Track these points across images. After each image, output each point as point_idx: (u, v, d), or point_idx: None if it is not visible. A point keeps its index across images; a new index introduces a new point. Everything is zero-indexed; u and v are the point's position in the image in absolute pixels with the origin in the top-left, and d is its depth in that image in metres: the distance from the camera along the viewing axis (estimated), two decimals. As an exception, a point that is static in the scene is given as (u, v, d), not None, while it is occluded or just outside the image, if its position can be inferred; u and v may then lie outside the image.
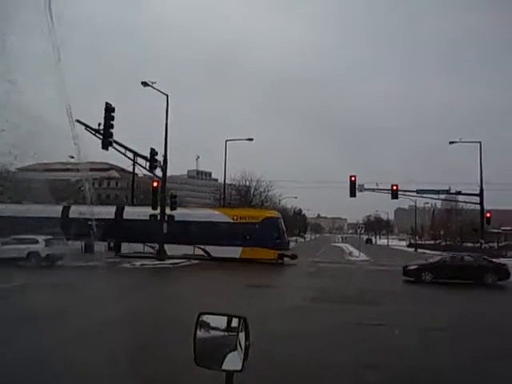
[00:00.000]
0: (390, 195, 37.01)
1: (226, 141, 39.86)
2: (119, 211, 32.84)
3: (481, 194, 36.38)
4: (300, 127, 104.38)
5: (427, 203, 72.24)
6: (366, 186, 36.94)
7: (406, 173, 71.28)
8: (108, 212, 31.97)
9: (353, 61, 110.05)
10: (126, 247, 30.78)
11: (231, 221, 30.95)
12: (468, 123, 75.43)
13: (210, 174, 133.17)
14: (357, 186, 35.81)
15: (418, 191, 38.91)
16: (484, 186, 36.29)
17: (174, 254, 28.42)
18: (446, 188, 40.42)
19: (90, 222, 31.21)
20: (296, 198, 60.60)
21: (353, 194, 35.82)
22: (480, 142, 36.49)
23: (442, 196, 45.55)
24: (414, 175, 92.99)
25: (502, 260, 39.82)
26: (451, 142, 38.13)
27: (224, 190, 44.58)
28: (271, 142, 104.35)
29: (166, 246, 27.93)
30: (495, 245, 55.27)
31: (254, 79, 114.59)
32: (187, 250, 29.64)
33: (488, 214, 37.29)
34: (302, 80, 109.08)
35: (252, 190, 55.29)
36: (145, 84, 27.08)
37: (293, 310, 12.00)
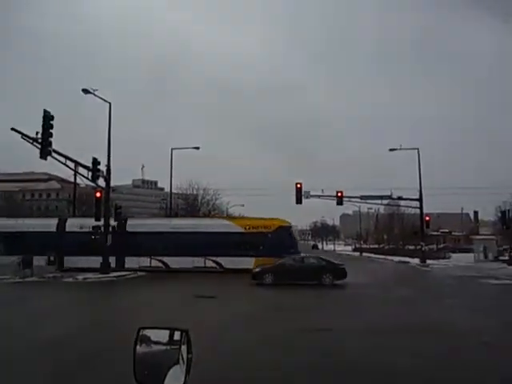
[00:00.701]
0: (335, 201, 37.90)
1: (172, 149, 39.48)
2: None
3: (420, 199, 38.00)
4: (248, 136, 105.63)
5: (371, 208, 74.45)
6: (311, 193, 37.60)
7: (351, 179, 73.51)
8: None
9: (300, 70, 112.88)
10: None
11: (243, 231, 30.01)
12: (409, 130, 78.96)
13: (156, 183, 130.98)
14: (303, 193, 36.38)
15: (361, 197, 40.07)
16: (423, 191, 37.96)
17: (182, 266, 27.67)
18: (389, 193, 41.86)
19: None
20: (243, 205, 60.56)
21: (299, 201, 36.35)
22: (418, 149, 38.20)
23: (385, 201, 47.21)
24: (358, 182, 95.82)
25: (440, 261, 41.90)
26: (391, 150, 39.63)
27: (170, 199, 44.00)
28: (219, 151, 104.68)
29: (178, 259, 27.89)
30: (435, 247, 57.87)
31: (203, 89, 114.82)
32: (199, 262, 28.74)
33: (427, 218, 38.91)
34: (250, 89, 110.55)
35: (200, 199, 54.94)
36: (86, 91, 26.31)
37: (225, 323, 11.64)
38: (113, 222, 28.78)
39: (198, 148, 41.24)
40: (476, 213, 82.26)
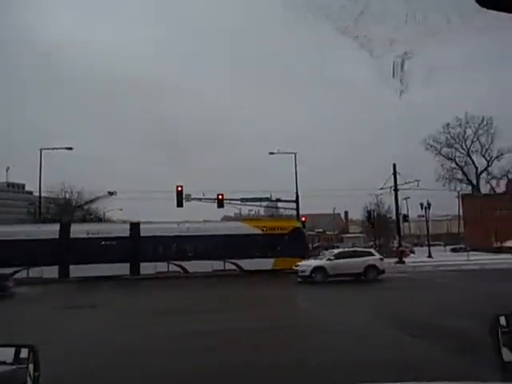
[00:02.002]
0: (216, 204, 38.01)
1: (41, 149, 36.40)
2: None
3: (297, 201, 39.74)
4: (131, 138, 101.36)
5: (251, 210, 76.34)
6: (193, 196, 37.33)
7: (233, 182, 74.62)
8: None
9: (186, 73, 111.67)
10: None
11: (261, 232, 30.28)
12: (290, 136, 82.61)
13: (23, 186, 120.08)
14: (184, 196, 35.94)
15: (241, 199, 40.79)
16: (300, 193, 39.75)
17: (201, 270, 27.38)
18: (268, 196, 43.19)
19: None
20: (121, 210, 57.97)
21: (180, 203, 35.83)
22: (295, 154, 39.90)
23: (264, 203, 48.61)
24: (240, 184, 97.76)
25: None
26: (271, 153, 40.92)
27: (40, 203, 40.54)
28: (97, 153, 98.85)
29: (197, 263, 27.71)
30: (310, 246, 61.17)
31: (79, 86, 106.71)
32: (219, 265, 28.49)
33: (303, 218, 40.82)
34: (132, 90, 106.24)
35: (73, 203, 51.43)
36: None
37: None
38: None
39: (70, 149, 38.58)
40: (346, 213, 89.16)
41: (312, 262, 24.57)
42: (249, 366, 7.35)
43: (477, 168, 62.62)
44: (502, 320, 2.15)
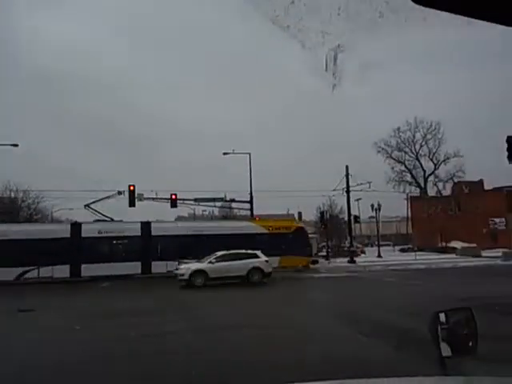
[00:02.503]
0: (169, 204, 37.54)
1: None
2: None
3: (251, 201, 39.85)
4: (83, 136, 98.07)
5: (205, 211, 75.90)
6: (145, 196, 36.70)
7: (189, 182, 73.81)
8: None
9: (135, 69, 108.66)
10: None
11: (267, 231, 31.32)
12: (247, 136, 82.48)
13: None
14: (136, 196, 35.27)
15: (195, 200, 40.47)
16: (255, 194, 39.88)
17: None
18: (222, 196, 43.05)
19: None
20: (72, 209, 56.10)
21: (132, 203, 35.14)
22: (249, 154, 39.98)
23: (219, 204, 48.43)
24: (193, 184, 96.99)
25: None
26: (225, 153, 40.78)
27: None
28: (47, 151, 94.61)
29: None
30: (264, 246, 61.50)
31: (24, 82, 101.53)
32: None
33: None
34: (79, 86, 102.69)
35: (19, 202, 49.35)
36: None
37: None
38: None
39: (16, 145, 36.94)
40: (300, 213, 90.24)
41: (192, 265, 23.14)
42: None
43: (425, 171, 65.15)
44: (442, 317, 2.22)
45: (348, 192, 42.16)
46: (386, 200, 53.21)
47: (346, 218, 45.38)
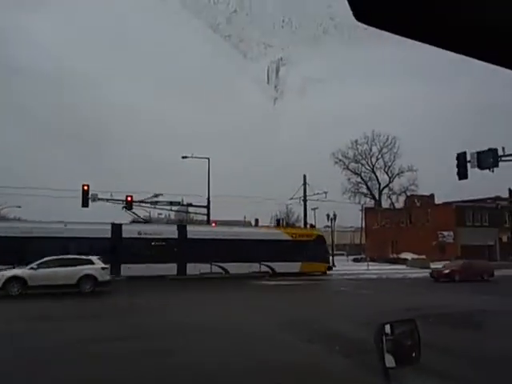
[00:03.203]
0: (125, 206, 36.67)
1: None
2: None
3: (208, 206, 39.61)
4: (34, 131, 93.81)
5: (161, 214, 74.81)
6: (99, 196, 35.70)
7: (143, 184, 72.26)
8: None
9: (95, 67, 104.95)
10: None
11: (291, 238, 33.14)
12: (204, 139, 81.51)
13: None
14: (89, 196, 34.23)
15: (151, 202, 39.77)
16: (213, 199, 39.67)
17: (240, 272, 29.35)
18: (179, 200, 42.50)
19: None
20: (20, 207, 53.98)
21: (85, 203, 34.06)
22: (209, 158, 39.77)
23: (175, 207, 47.82)
24: (150, 187, 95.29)
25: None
26: (184, 157, 40.39)
27: None
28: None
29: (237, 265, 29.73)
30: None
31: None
32: (255, 267, 30.81)
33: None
34: (36, 81, 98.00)
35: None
36: None
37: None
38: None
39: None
40: (257, 220, 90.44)
41: (8, 272, 19.79)
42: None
43: (380, 184, 66.96)
44: (387, 328, 2.23)
45: (305, 201, 42.69)
46: (341, 210, 54.55)
47: (303, 227, 45.88)
